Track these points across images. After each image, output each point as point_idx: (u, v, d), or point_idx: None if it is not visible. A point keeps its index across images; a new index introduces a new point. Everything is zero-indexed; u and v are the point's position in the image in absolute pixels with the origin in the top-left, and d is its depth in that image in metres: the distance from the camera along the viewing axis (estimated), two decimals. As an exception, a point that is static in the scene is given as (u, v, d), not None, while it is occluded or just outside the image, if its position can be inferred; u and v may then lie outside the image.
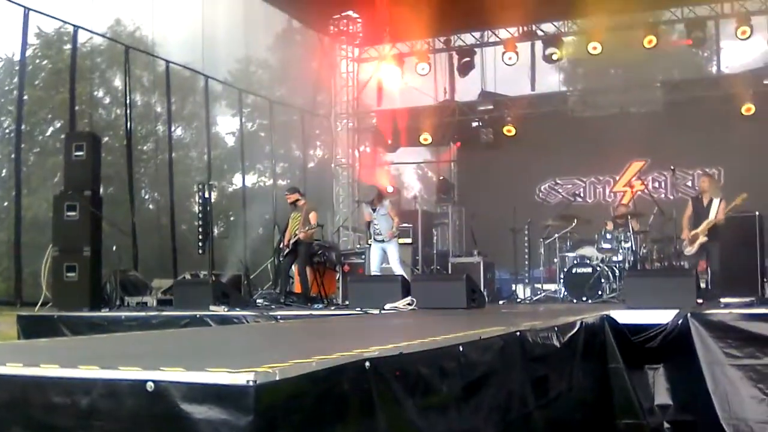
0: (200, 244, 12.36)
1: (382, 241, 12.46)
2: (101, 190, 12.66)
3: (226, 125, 22.79)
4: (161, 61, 17.12)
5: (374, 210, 12.56)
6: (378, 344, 3.67)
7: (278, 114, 19.79)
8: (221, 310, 9.75)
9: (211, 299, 10.33)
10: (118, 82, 20.00)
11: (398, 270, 12.19)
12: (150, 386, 2.66)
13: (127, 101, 15.70)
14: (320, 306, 11.01)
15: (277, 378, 2.62)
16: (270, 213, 17.56)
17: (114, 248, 12.87)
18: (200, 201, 12.52)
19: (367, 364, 3.18)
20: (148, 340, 5.53)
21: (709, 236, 11.35)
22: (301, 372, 2.76)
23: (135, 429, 2.70)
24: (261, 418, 2.53)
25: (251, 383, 2.52)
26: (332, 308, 10.71)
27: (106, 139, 18.54)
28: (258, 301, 11.99)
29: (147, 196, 22.90)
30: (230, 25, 18.29)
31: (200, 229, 12.35)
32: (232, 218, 21.78)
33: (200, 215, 12.46)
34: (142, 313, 10.18)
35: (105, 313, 10.68)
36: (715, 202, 11.46)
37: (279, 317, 8.97)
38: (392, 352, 3.50)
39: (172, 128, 19.39)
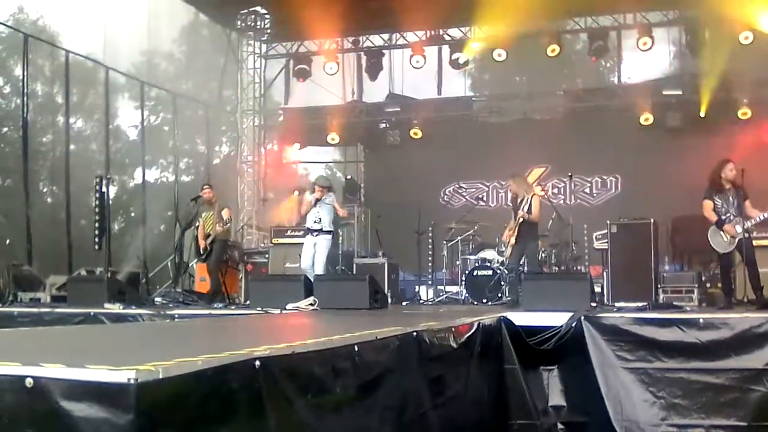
0: (96, 239, 12.03)
1: (320, 231, 11.84)
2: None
3: (129, 118, 22.34)
4: (63, 50, 16.60)
5: (318, 200, 11.88)
6: (273, 344, 3.61)
7: (183, 108, 19.43)
8: (116, 308, 9.50)
9: (106, 297, 10.07)
10: (19, 71, 19.36)
11: (319, 269, 11.78)
12: (29, 382, 2.58)
13: (25, 91, 15.16)
14: (220, 305, 10.83)
15: (160, 376, 2.55)
16: (172, 210, 17.21)
17: (8, 242, 12.42)
18: (97, 195, 12.18)
19: (257, 363, 3.12)
20: (34, 336, 5.34)
21: (519, 236, 11.24)
22: (185, 370, 2.69)
23: (14, 426, 2.60)
24: (142, 417, 2.46)
25: (132, 381, 2.45)
26: (232, 308, 10.56)
27: (5, 129, 17.98)
28: (157, 299, 11.72)
29: (45, 189, 22.23)
30: (134, 16, 17.90)
31: (97, 224, 12.01)
32: (132, 214, 21.31)
33: (97, 210, 12.12)
34: (35, 310, 9.90)
35: (-4, 308, 10.29)
36: (526, 198, 11.33)
37: (176, 316, 8.80)
38: (284, 351, 3.46)
39: (73, 120, 18.84)
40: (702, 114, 15.99)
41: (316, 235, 11.83)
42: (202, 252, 12.20)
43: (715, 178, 9.60)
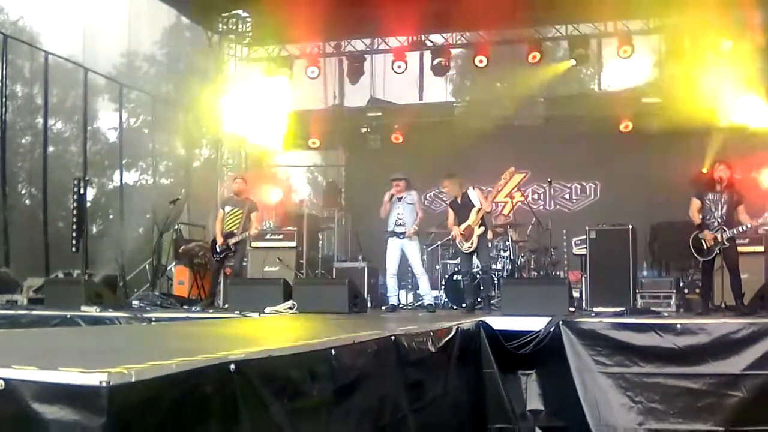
0: (74, 241, 11.94)
1: (403, 234, 11.22)
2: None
3: (108, 120, 22.20)
4: (42, 52, 16.51)
5: (400, 199, 11.34)
6: (249, 347, 3.60)
7: (162, 110, 19.34)
8: (93, 311, 9.44)
9: (83, 299, 10.00)
10: (-1, 72, 19.22)
11: (420, 270, 11.47)
12: (0, 384, 2.55)
13: (4, 92, 15.03)
14: (198, 308, 10.78)
15: (133, 379, 2.53)
16: (150, 212, 17.11)
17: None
18: (75, 197, 12.10)
19: (232, 366, 3.11)
20: (8, 338, 5.29)
21: (481, 225, 10.77)
22: (158, 374, 2.67)
23: (-14, 427, 2.58)
24: (114, 420, 2.45)
25: (104, 384, 2.44)
26: (210, 311, 10.51)
27: (-17, 130, 17.78)
28: (134, 302, 11.64)
29: (23, 191, 22.09)
30: (115, 17, 17.82)
31: (74, 226, 11.92)
32: (111, 216, 21.18)
33: (75, 212, 12.03)
34: (12, 312, 9.88)
35: (-27, 310, 10.20)
36: (470, 193, 10.98)
37: (153, 319, 8.75)
38: (260, 354, 3.44)
39: (52, 121, 18.72)
40: (681, 122, 16.09)
41: (402, 237, 11.28)
42: (219, 250, 11.40)
43: (707, 178, 9.60)
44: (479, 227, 10.73)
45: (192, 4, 17.27)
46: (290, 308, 9.48)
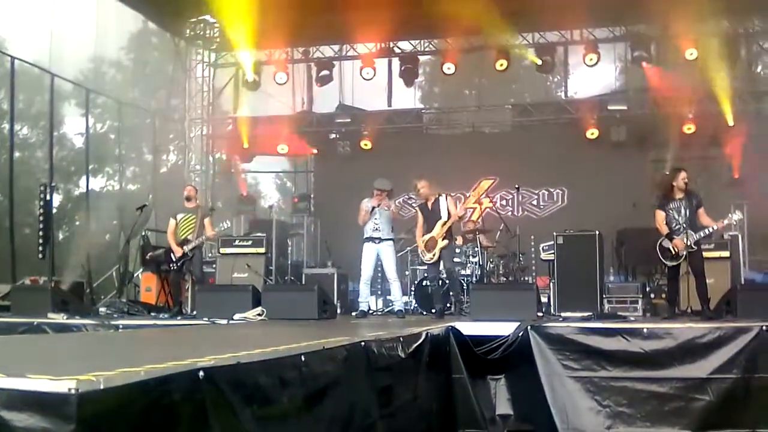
0: (40, 248, 11.80)
1: (380, 240, 11.13)
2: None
3: (75, 126, 21.99)
4: (8, 57, 16.32)
5: (378, 206, 11.18)
6: (218, 354, 3.58)
7: (129, 116, 19.20)
8: (60, 318, 9.35)
9: (50, 306, 9.89)
10: (-36, 78, 19.00)
11: (394, 276, 11.31)
12: (-31, 392, 2.53)
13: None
14: (166, 316, 10.70)
15: (101, 387, 2.53)
16: (117, 219, 16.95)
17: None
18: (41, 203, 11.96)
19: (201, 373, 3.10)
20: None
21: (445, 238, 10.75)
22: (127, 381, 2.67)
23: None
24: (83, 427, 2.45)
25: (73, 391, 2.43)
26: (179, 318, 10.43)
27: (-51, 137, 17.56)
28: (101, 309, 11.51)
29: (-10, 197, 21.81)
30: (82, 23, 17.67)
31: (41, 233, 11.78)
32: (77, 222, 20.96)
33: (41, 218, 11.89)
34: (-22, 319, 9.67)
35: (-62, 318, 10.03)
36: (441, 200, 10.96)
37: (120, 327, 8.68)
38: (229, 361, 3.43)
39: (18, 127, 18.51)
40: (645, 129, 16.32)
41: (378, 243, 11.16)
42: (175, 258, 11.20)
43: (667, 188, 9.66)
44: (443, 240, 10.72)
45: (159, 9, 17.16)
46: (259, 315, 9.45)
